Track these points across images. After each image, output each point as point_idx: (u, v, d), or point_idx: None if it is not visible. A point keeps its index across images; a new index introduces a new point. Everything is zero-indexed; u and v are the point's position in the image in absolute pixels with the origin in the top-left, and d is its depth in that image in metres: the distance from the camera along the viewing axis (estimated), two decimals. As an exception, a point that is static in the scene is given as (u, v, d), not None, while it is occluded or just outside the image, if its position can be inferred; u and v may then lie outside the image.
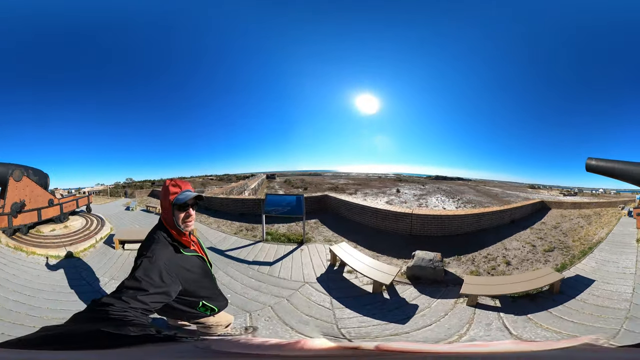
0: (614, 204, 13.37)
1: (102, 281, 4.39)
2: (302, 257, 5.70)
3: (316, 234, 7.54)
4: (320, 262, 5.45)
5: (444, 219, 7.30)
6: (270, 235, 7.23)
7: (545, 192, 52.21)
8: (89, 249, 6.10)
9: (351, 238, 6.92)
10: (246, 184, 26.67)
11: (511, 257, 5.62)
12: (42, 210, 7.46)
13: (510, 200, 33.67)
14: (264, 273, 4.95)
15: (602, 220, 9.91)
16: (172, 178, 1.76)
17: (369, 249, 6.28)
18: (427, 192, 44.15)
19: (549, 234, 7.84)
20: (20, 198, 6.94)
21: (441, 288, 4.28)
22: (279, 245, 6.53)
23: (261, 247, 6.43)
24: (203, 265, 1.87)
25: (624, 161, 8.11)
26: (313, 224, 8.37)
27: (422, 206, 31.76)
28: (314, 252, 5.97)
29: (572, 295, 3.71)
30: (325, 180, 62.91)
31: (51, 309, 3.48)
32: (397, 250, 6.03)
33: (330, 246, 5.53)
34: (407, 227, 7.44)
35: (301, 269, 5.13)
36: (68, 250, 5.78)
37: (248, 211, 10.04)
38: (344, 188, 42.35)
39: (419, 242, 6.38)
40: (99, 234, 7.13)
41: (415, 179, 75.44)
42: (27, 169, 7.55)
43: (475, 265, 5.25)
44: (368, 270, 4.31)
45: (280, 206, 7.45)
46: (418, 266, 4.62)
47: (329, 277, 4.74)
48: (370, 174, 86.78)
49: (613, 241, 6.40)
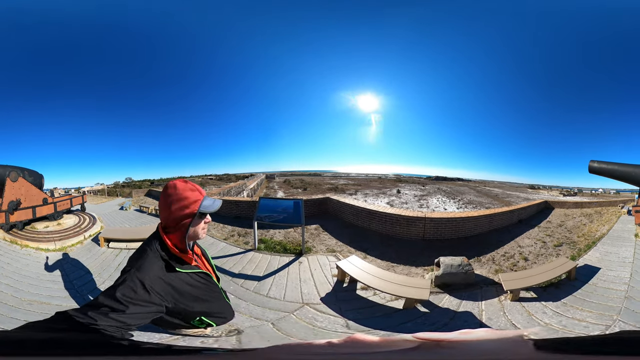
0: (614, 203, 14.45)
1: (79, 273, 5.16)
2: (300, 272, 5.23)
3: (317, 243, 7.03)
4: (323, 278, 4.97)
5: (458, 221, 7.70)
6: (263, 244, 6.73)
7: (545, 192, 53.79)
8: (76, 245, 6.88)
9: (358, 246, 6.66)
10: (245, 184, 26.85)
11: (527, 254, 6.52)
12: (37, 208, 8.29)
13: (510, 201, 34.89)
14: (248, 289, 4.53)
15: (602, 218, 10.93)
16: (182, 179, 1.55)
17: (381, 258, 6.08)
18: (427, 192, 45.20)
19: (556, 232, 8.80)
20: (16, 197, 7.77)
21: (476, 290, 4.56)
22: (273, 256, 6.04)
23: (252, 257, 5.99)
24: (206, 281, 1.67)
25: (623, 163, 9.20)
26: (313, 231, 7.87)
27: (423, 207, 32.73)
28: (315, 266, 5.50)
29: (585, 280, 4.65)
30: (324, 180, 63.65)
31: (31, 292, 4.39)
32: (412, 258, 5.99)
33: (337, 262, 5.09)
34: (420, 232, 7.45)
35: (299, 287, 4.65)
36: (57, 245, 6.68)
37: (243, 214, 9.69)
38: (343, 189, 43.11)
39: (434, 246, 6.62)
40: (88, 231, 7.91)
41: (415, 179, 76.60)
42: (24, 171, 8.35)
43: (496, 264, 5.87)
44: (395, 288, 4.07)
45: (275, 212, 6.91)
46: (448, 273, 4.69)
47: (338, 297, 4.31)
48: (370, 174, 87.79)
49: (614, 236, 7.37)
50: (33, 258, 5.87)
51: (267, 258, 5.91)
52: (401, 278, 4.45)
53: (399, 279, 4.37)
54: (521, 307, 4.00)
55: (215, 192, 15.35)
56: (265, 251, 6.30)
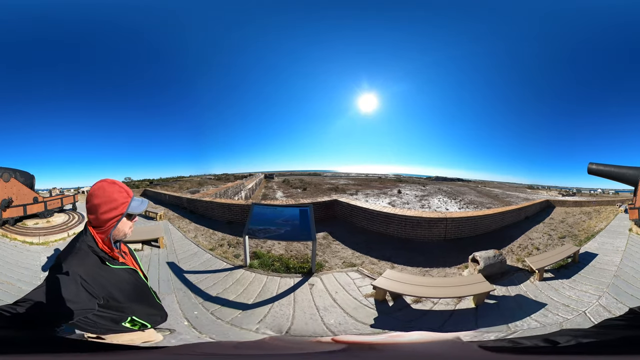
0: (611, 202, 15.65)
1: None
2: (314, 297, 4.22)
3: (329, 255, 6.03)
4: (354, 301, 4.16)
5: (476, 220, 8.36)
6: (258, 260, 5.55)
7: (544, 192, 54.78)
8: (59, 240, 7.65)
9: (379, 255, 6.15)
10: (242, 184, 25.91)
11: (537, 244, 7.64)
12: (27, 206, 9.32)
13: (510, 201, 36.03)
14: (223, 321, 3.63)
15: (601, 216, 12.09)
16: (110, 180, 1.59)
17: (410, 264, 5.72)
18: (428, 193, 46.10)
19: (559, 227, 9.95)
20: (8, 196, 8.80)
21: (511, 277, 5.19)
22: (271, 276, 4.92)
23: (241, 275, 5.01)
24: (135, 279, 1.70)
25: (619, 165, 10.41)
26: (322, 240, 6.98)
27: (424, 207, 33.74)
28: (335, 287, 4.53)
29: (586, 263, 5.81)
30: (324, 180, 64.38)
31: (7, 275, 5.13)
32: (442, 260, 6.03)
33: (372, 281, 4.45)
34: (442, 233, 7.62)
35: (318, 317, 3.72)
36: (41, 239, 7.66)
37: (236, 219, 8.86)
38: (344, 189, 43.93)
39: (456, 245, 6.92)
40: (73, 229, 8.68)
41: (415, 179, 77.65)
42: (15, 172, 9.42)
43: (516, 254, 6.70)
44: (456, 291, 4.09)
45: (274, 224, 5.62)
46: (489, 265, 5.14)
47: (397, 317, 3.84)
48: (370, 174, 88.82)
49: (610, 230, 8.53)
50: (18, 249, 6.74)
51: (262, 280, 4.79)
52: (451, 280, 4.54)
53: (450, 282, 4.43)
54: (548, 285, 5.00)
55: (212, 193, 14.93)
56: (260, 270, 5.13)
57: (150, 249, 6.63)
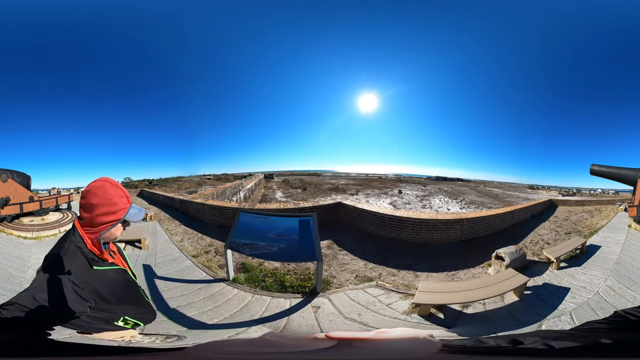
0: (612, 201, 16.55)
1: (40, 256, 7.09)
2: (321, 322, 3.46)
3: (337, 269, 5.25)
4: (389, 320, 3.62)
5: (490, 219, 8.70)
6: (244, 274, 4.60)
7: (544, 192, 55.42)
8: (50, 237, 8.20)
9: (396, 264, 5.68)
10: (241, 184, 25.09)
11: (547, 239, 8.47)
12: (24, 205, 10.10)
13: (511, 201, 36.84)
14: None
15: (602, 214, 12.96)
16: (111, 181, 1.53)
17: (434, 271, 5.47)
18: (429, 193, 46.61)
19: (564, 224, 10.81)
20: (5, 195, 9.56)
21: (532, 269, 5.71)
22: (259, 296, 3.98)
23: (218, 290, 4.20)
24: (125, 278, 1.70)
25: (619, 167, 11.28)
26: (326, 250, 6.14)
27: (426, 207, 34.40)
28: (352, 308, 3.76)
29: (592, 254, 6.69)
30: (324, 180, 64.42)
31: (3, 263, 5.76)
32: (465, 261, 6.01)
33: (410, 300, 4.00)
34: (458, 234, 7.66)
35: None
36: (33, 235, 8.45)
37: (228, 223, 8.09)
38: (344, 189, 44.41)
39: (473, 245, 7.05)
40: (64, 226, 9.14)
41: (416, 179, 77.94)
42: (13, 173, 10.21)
43: (529, 249, 7.22)
44: (494, 289, 4.12)
45: (264, 239, 4.48)
46: (514, 260, 5.54)
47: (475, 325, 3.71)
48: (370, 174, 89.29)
49: (611, 227, 9.43)
50: (13, 243, 7.53)
51: (244, 298, 3.87)
52: (487, 279, 4.65)
53: (486, 281, 4.48)
54: (565, 273, 5.76)
55: (208, 193, 14.53)
56: (246, 285, 4.22)
57: (132, 249, 6.63)
